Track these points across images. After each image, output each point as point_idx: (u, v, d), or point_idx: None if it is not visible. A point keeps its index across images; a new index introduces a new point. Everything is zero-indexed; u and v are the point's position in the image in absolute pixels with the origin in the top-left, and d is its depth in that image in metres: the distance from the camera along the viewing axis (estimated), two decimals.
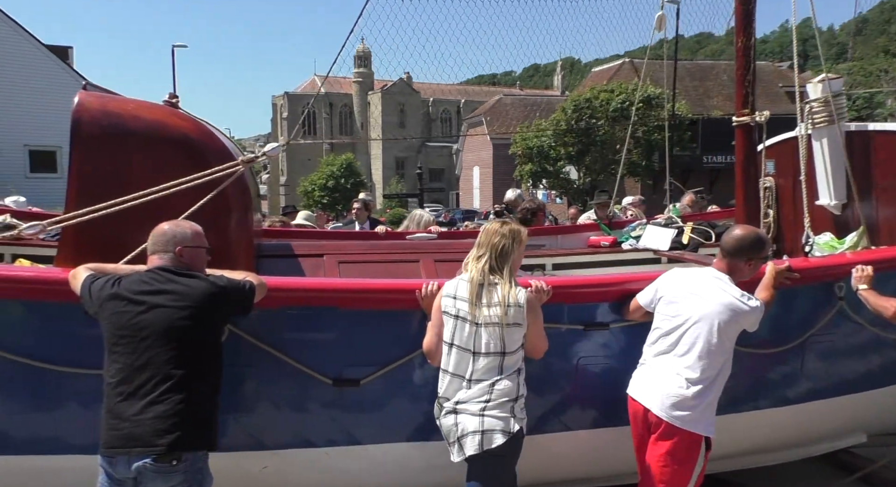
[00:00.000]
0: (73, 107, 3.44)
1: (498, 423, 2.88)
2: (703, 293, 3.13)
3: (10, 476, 3.14)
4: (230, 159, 3.76)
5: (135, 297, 2.66)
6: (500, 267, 3.00)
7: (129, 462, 2.53)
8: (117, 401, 2.59)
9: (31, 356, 3.00)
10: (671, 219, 5.31)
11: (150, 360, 2.57)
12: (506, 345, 2.93)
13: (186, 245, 2.81)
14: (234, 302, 2.79)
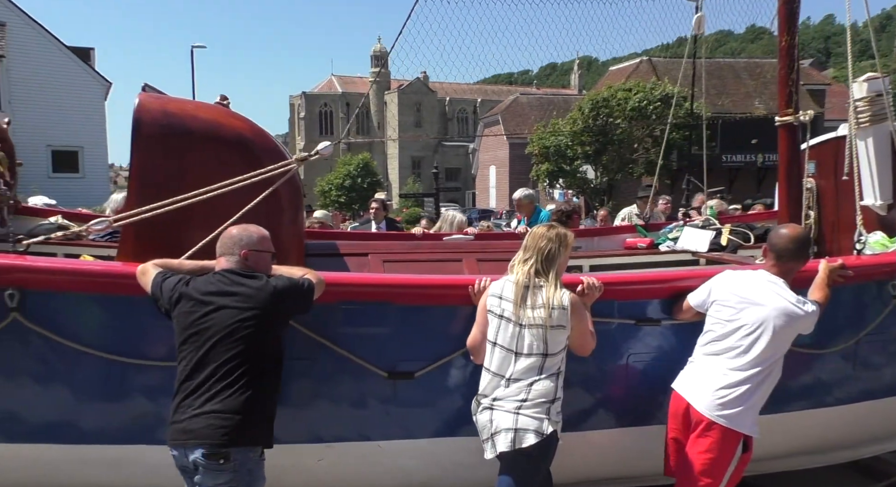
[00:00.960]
0: (134, 107, 3.53)
1: (532, 423, 2.92)
2: (758, 298, 3.14)
3: (80, 466, 3.23)
4: (282, 158, 3.84)
5: (202, 298, 2.75)
6: (545, 270, 3.05)
7: (186, 455, 2.64)
8: (181, 397, 2.70)
9: (101, 348, 3.09)
10: (709, 220, 5.31)
11: (211, 358, 2.67)
12: (548, 347, 2.98)
13: (252, 248, 2.89)
14: (294, 303, 2.86)
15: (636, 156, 32.84)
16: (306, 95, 69.46)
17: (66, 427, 3.19)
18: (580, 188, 34.77)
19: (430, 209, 29.03)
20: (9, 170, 4.43)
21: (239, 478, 2.62)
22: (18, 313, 3.00)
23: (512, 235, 5.83)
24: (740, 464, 3.15)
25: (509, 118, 43.17)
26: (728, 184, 31.37)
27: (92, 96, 30.66)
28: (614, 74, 38.07)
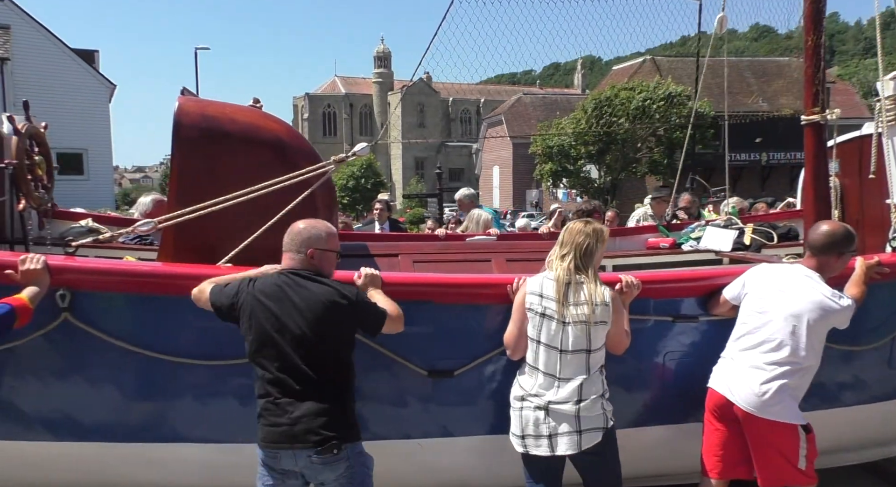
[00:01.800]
0: (174, 111, 3.58)
1: (592, 422, 2.99)
2: (793, 291, 3.18)
3: (120, 464, 3.28)
4: (316, 159, 3.89)
5: (266, 301, 2.75)
6: (584, 266, 3.08)
7: (294, 457, 2.67)
8: (273, 402, 2.71)
9: (145, 346, 3.14)
10: (730, 219, 5.35)
11: (293, 364, 2.68)
12: (592, 343, 3.01)
13: (318, 247, 2.85)
14: (360, 317, 2.83)
15: (640, 156, 32.86)
16: (310, 96, 69.51)
17: (112, 426, 3.24)
18: (583, 188, 34.78)
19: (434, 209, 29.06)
20: (46, 174, 4.48)
21: (354, 463, 2.71)
22: (69, 313, 3.06)
23: (534, 235, 5.86)
24: (810, 445, 3.19)
25: (512, 118, 43.21)
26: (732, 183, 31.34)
27: (96, 98, 30.74)
28: (618, 74, 38.09)
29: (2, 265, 2.93)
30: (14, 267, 2.91)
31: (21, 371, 3.14)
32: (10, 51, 28.16)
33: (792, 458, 3.19)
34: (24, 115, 4.28)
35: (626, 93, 31.25)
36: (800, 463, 3.19)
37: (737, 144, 32.67)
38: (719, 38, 5.38)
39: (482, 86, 69.33)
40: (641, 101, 30.54)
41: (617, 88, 32.00)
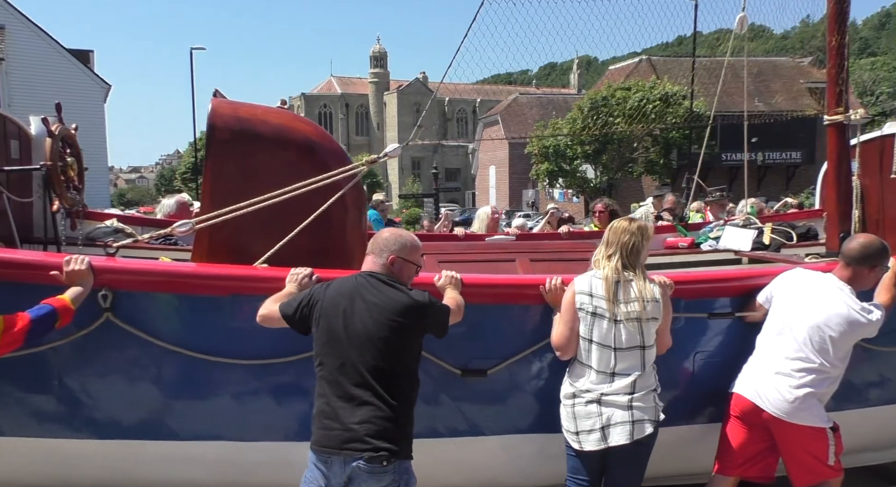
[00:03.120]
0: (208, 113, 3.59)
1: (645, 414, 3.03)
2: (822, 301, 3.20)
3: (166, 462, 3.30)
4: (346, 160, 3.91)
5: (338, 297, 2.74)
6: (632, 263, 3.10)
7: (343, 463, 2.61)
8: (328, 404, 2.66)
9: (185, 346, 3.15)
10: (749, 219, 5.39)
11: (354, 367, 2.64)
12: (645, 339, 3.05)
13: (399, 255, 2.83)
14: (430, 321, 2.80)
15: (636, 156, 32.97)
16: (306, 97, 69.45)
17: (152, 424, 3.25)
18: (580, 187, 34.87)
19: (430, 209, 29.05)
20: (77, 175, 4.49)
21: (399, 478, 2.63)
22: (111, 313, 3.07)
23: (555, 235, 5.89)
24: (837, 442, 3.24)
25: (509, 118, 43.28)
26: (728, 183, 31.52)
27: (91, 98, 30.62)
28: (614, 74, 38.20)
29: (47, 266, 2.93)
30: (59, 267, 2.92)
31: (64, 370, 3.15)
32: (5, 51, 28.03)
33: (822, 457, 3.23)
34: (57, 117, 4.28)
35: (623, 93, 31.37)
36: (829, 461, 3.24)
37: (732, 144, 32.82)
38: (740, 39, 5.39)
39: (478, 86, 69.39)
40: (637, 101, 30.64)
41: (613, 88, 32.11)
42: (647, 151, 32.95)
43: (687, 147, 30.35)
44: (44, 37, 30.14)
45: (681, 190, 24.58)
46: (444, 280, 3.20)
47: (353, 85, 70.66)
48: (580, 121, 31.75)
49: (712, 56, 39.93)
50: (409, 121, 65.66)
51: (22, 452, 3.25)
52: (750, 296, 3.46)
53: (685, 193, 23.65)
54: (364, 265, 2.91)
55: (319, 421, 2.69)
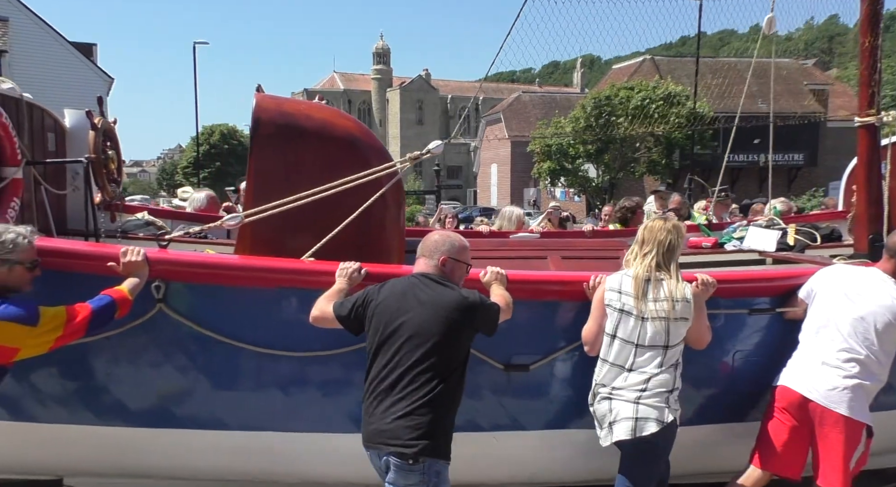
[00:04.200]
0: (253, 108, 3.63)
1: (652, 412, 3.01)
2: (866, 293, 3.25)
3: (214, 452, 3.36)
4: (387, 156, 3.96)
5: (391, 296, 2.80)
6: (666, 262, 3.13)
7: (378, 457, 2.68)
8: (370, 399, 2.72)
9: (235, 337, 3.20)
10: (772, 220, 5.43)
11: (400, 362, 2.67)
12: (670, 339, 3.08)
13: (450, 256, 2.90)
14: (481, 319, 2.83)
15: (638, 156, 33.02)
16: (308, 92, 69.26)
17: (202, 414, 3.31)
18: (582, 186, 34.92)
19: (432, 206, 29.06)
20: (117, 168, 4.53)
21: (427, 480, 2.63)
22: (163, 304, 3.11)
23: (578, 233, 5.93)
24: (865, 450, 3.27)
25: (511, 116, 43.29)
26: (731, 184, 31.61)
27: (94, 92, 30.37)
28: (617, 73, 38.22)
29: (105, 257, 2.98)
30: (116, 259, 2.97)
31: (118, 359, 3.20)
32: (9, 43, 27.96)
33: (846, 456, 3.24)
34: (98, 111, 4.32)
35: (626, 93, 31.38)
36: (851, 463, 3.24)
37: (735, 145, 32.78)
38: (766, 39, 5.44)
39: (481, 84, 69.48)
40: (640, 101, 30.67)
41: (616, 88, 32.12)
42: (649, 151, 32.98)
43: (689, 147, 30.39)
44: (47, 30, 30.10)
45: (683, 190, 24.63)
46: (489, 276, 3.25)
47: (356, 81, 70.61)
48: (583, 121, 31.79)
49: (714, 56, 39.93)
50: (411, 117, 65.71)
51: (74, 440, 3.31)
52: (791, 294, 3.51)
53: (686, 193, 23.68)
54: (416, 267, 2.98)
55: (365, 417, 2.75)
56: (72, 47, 30.83)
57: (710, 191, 7.80)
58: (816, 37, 38.35)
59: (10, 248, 2.67)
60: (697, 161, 31.02)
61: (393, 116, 65.82)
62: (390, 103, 67.45)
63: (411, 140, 63.71)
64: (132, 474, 3.51)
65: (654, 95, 30.82)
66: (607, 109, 31.43)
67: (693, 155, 29.84)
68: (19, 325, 2.61)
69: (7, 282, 2.70)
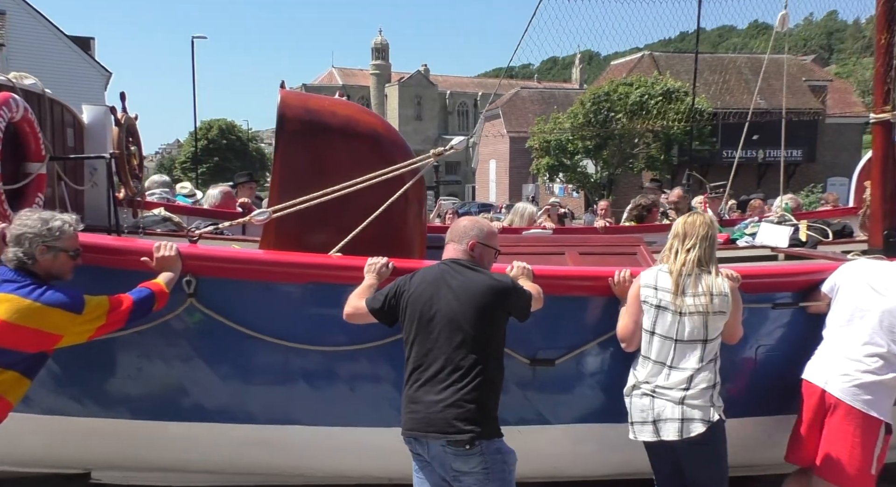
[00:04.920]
0: (278, 104, 3.65)
1: (697, 412, 3.02)
2: (888, 287, 3.26)
3: (244, 445, 3.40)
4: (409, 153, 3.97)
5: (424, 284, 2.82)
6: (708, 257, 3.15)
7: (426, 445, 2.68)
8: (414, 388, 2.73)
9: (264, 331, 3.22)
10: (784, 216, 5.48)
11: (440, 350, 2.69)
12: (708, 333, 3.09)
13: (479, 241, 2.92)
14: (513, 303, 2.85)
15: (637, 152, 33.06)
16: (307, 88, 69.07)
17: (232, 408, 3.34)
18: (580, 182, 34.94)
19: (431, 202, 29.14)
20: (138, 164, 4.54)
21: (489, 459, 2.65)
22: (194, 298, 3.14)
23: (591, 229, 5.96)
24: (884, 447, 3.26)
25: (510, 112, 43.25)
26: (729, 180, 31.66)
27: (92, 86, 30.44)
28: (616, 69, 38.24)
29: (140, 251, 3.00)
30: (150, 254, 2.99)
31: (148, 353, 3.22)
32: (6, 37, 27.85)
33: (865, 454, 3.22)
34: (122, 106, 4.33)
35: (624, 88, 31.39)
36: (872, 463, 3.22)
37: (733, 141, 32.97)
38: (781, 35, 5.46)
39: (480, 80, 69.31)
40: (639, 97, 30.70)
41: (615, 83, 32.12)
42: (647, 147, 33.03)
43: (688, 143, 30.45)
44: (45, 23, 29.98)
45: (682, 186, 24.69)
46: (516, 270, 3.28)
47: (355, 76, 70.45)
48: (581, 116, 31.80)
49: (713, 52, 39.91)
50: (410, 113, 65.54)
51: (104, 433, 3.33)
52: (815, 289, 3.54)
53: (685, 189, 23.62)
54: (445, 254, 2.99)
55: (406, 406, 2.76)
56: (69, 41, 30.72)
57: (707, 187, 7.82)
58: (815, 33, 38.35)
59: (56, 235, 2.70)
60: (696, 157, 31.08)
61: (391, 112, 65.67)
62: (389, 99, 67.29)
63: (410, 135, 63.55)
64: (159, 467, 3.54)
65: (652, 91, 30.84)
66: (606, 105, 31.43)
67: (692, 151, 29.91)
68: (64, 312, 2.64)
69: (52, 269, 2.73)
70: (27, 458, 3.56)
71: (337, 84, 68.84)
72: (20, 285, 2.61)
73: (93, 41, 35.11)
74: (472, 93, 70.23)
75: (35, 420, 3.30)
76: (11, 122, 3.49)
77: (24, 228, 2.68)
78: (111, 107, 4.31)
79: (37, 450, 3.47)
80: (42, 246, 2.68)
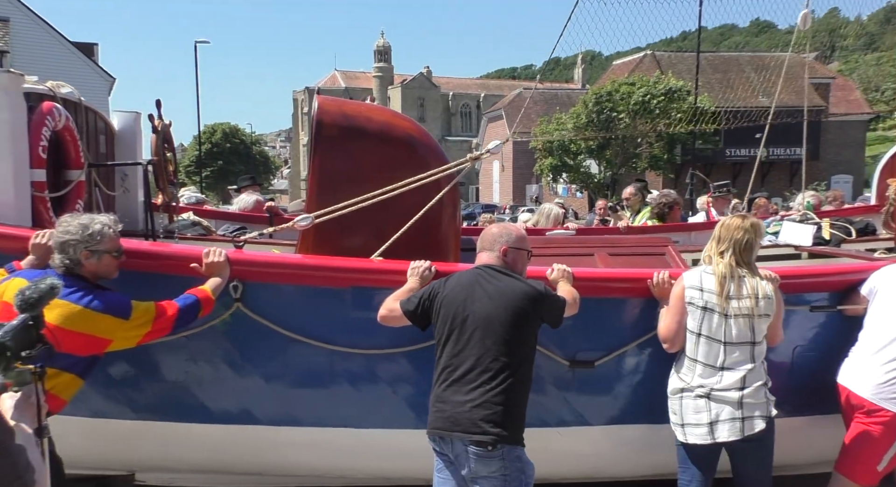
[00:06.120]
0: (315, 110, 3.70)
1: (756, 410, 3.06)
2: None
3: (289, 448, 3.45)
4: (443, 157, 4.02)
5: (458, 288, 2.87)
6: (745, 260, 3.17)
7: (451, 443, 2.71)
8: (443, 387, 2.76)
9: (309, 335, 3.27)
10: (806, 215, 5.50)
11: (471, 351, 2.72)
12: (755, 335, 3.12)
13: (511, 246, 2.96)
14: (546, 310, 2.88)
15: (640, 151, 33.09)
16: (310, 91, 69.24)
17: (278, 411, 3.39)
18: (583, 182, 34.97)
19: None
20: (173, 170, 4.59)
21: (509, 465, 2.67)
22: (241, 303, 3.18)
23: (613, 230, 5.99)
24: None
25: (513, 113, 43.27)
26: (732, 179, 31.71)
27: (96, 91, 30.43)
28: (618, 68, 38.27)
29: (189, 257, 3.05)
30: (199, 259, 3.03)
31: (196, 358, 3.27)
32: (10, 44, 27.95)
33: (878, 452, 3.25)
34: (157, 113, 4.38)
35: (627, 88, 31.42)
36: (881, 464, 3.26)
37: (736, 140, 32.98)
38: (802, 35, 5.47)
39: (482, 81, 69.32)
40: (641, 96, 30.72)
41: (617, 83, 32.16)
42: (650, 146, 33.06)
43: (691, 142, 30.48)
44: (48, 29, 30.08)
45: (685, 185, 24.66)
46: (556, 273, 3.32)
47: (358, 79, 70.57)
48: (584, 116, 31.82)
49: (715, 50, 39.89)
50: (413, 115, 65.50)
51: (152, 436, 3.38)
52: (852, 290, 3.55)
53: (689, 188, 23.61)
54: (478, 261, 3.04)
55: (434, 404, 2.79)
56: (73, 47, 30.80)
57: (711, 186, 7.86)
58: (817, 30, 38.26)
59: (98, 239, 2.75)
60: (699, 156, 31.10)
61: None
62: (392, 101, 67.33)
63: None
64: (203, 470, 3.58)
65: (654, 91, 30.87)
66: (608, 105, 31.45)
67: (695, 150, 29.93)
68: (112, 318, 2.70)
69: (98, 271, 2.79)
70: (72, 460, 3.59)
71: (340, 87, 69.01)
72: (70, 291, 2.66)
73: (96, 47, 35.22)
74: (474, 94, 70.26)
75: (81, 423, 3.34)
76: (54, 131, 3.55)
77: (67, 235, 2.74)
78: (150, 115, 4.37)
79: (82, 452, 3.50)
80: (85, 251, 2.74)
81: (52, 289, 2.01)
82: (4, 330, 1.83)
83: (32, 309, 1.95)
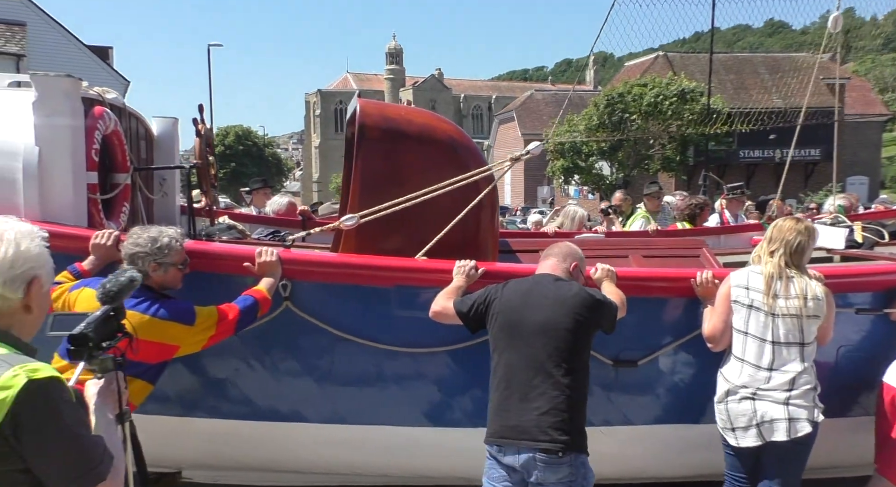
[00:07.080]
0: (357, 113, 3.75)
1: (803, 412, 3.03)
2: None
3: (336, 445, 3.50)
4: (482, 159, 4.07)
5: (516, 293, 2.90)
6: (795, 262, 3.17)
7: (517, 452, 2.68)
8: (504, 395, 2.76)
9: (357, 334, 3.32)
10: (837, 217, 5.48)
11: (532, 357, 2.74)
12: (804, 336, 3.10)
13: (580, 264, 3.11)
14: (604, 317, 2.94)
15: (652, 153, 33.00)
16: (322, 93, 69.74)
17: (325, 409, 3.45)
18: (595, 184, 34.91)
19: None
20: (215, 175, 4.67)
21: (576, 471, 2.69)
22: (290, 302, 3.25)
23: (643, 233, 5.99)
24: None
25: (524, 115, 43.30)
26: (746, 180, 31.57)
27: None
28: (630, 70, 38.20)
29: (243, 257, 3.11)
30: (252, 260, 3.10)
31: (246, 355, 3.33)
32: (26, 47, 28.23)
33: None
34: (200, 118, 4.46)
35: (639, 89, 31.35)
36: None
37: (750, 141, 32.82)
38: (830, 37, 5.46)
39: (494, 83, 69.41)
40: (654, 98, 30.64)
41: (629, 84, 32.10)
42: (663, 148, 32.96)
43: (704, 144, 30.38)
44: (64, 33, 30.43)
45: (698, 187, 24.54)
46: (601, 273, 3.36)
47: (369, 81, 70.99)
48: (596, 118, 31.77)
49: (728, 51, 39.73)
50: None
51: (204, 434, 3.44)
52: None
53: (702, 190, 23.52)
54: (542, 268, 3.09)
55: (496, 413, 2.78)
56: (88, 50, 31.13)
57: (725, 188, 7.85)
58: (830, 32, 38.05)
59: (165, 253, 2.83)
60: (712, 157, 30.95)
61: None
62: (403, 103, 67.53)
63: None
64: (250, 467, 3.65)
65: (667, 92, 30.78)
66: (620, 107, 31.39)
67: (708, 151, 29.81)
68: (179, 325, 2.78)
69: (164, 283, 2.87)
70: None
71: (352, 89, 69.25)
72: (138, 301, 2.74)
73: (111, 50, 35.55)
74: (486, 96, 70.46)
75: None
76: (104, 135, 3.62)
77: (137, 248, 2.83)
78: (193, 119, 4.45)
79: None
80: (153, 263, 2.83)
81: (132, 282, 2.08)
82: (87, 321, 1.91)
83: (113, 301, 2.03)
